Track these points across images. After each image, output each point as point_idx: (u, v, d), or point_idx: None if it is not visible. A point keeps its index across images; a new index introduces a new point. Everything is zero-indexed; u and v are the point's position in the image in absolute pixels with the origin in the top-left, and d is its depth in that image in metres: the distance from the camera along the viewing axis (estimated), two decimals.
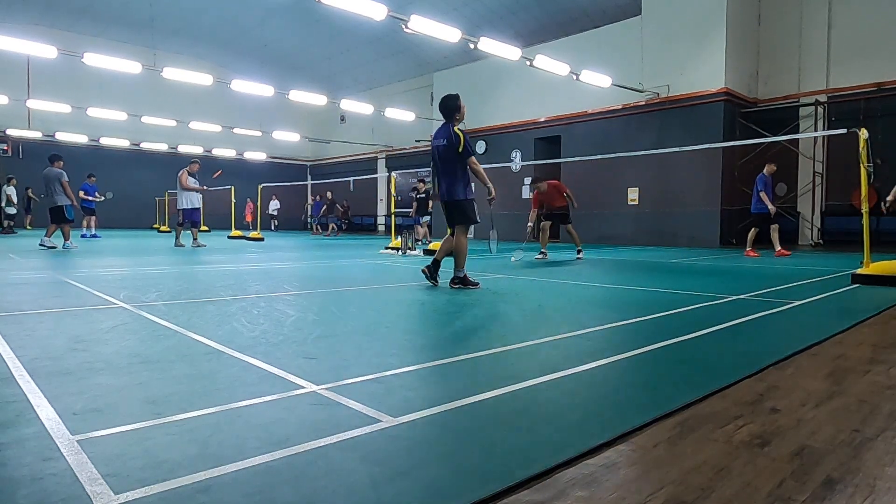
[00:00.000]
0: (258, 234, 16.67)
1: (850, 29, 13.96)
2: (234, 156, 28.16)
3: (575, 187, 17.56)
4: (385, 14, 9.81)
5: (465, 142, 5.24)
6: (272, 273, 6.76)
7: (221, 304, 4.24)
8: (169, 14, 22.03)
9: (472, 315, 3.99)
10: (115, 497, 1.28)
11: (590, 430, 1.76)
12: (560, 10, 18.41)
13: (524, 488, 1.38)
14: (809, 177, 14.61)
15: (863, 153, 5.95)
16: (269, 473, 1.42)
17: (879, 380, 2.37)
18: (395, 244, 11.35)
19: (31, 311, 3.82)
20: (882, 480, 1.45)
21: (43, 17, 22.24)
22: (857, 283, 5.82)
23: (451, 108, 5.40)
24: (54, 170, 10.50)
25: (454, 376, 2.40)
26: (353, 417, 1.83)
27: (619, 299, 4.79)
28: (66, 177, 10.55)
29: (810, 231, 14.73)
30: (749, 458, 1.58)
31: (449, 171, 5.35)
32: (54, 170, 10.50)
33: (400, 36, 18.67)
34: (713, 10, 14.08)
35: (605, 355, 2.70)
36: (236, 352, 2.71)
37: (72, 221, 10.71)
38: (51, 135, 23.21)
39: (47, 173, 10.48)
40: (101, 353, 2.67)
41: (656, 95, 15.20)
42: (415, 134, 24.31)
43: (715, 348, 2.95)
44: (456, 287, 5.31)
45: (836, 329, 3.41)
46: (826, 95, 14.31)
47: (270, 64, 26.31)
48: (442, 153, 5.36)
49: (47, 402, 1.94)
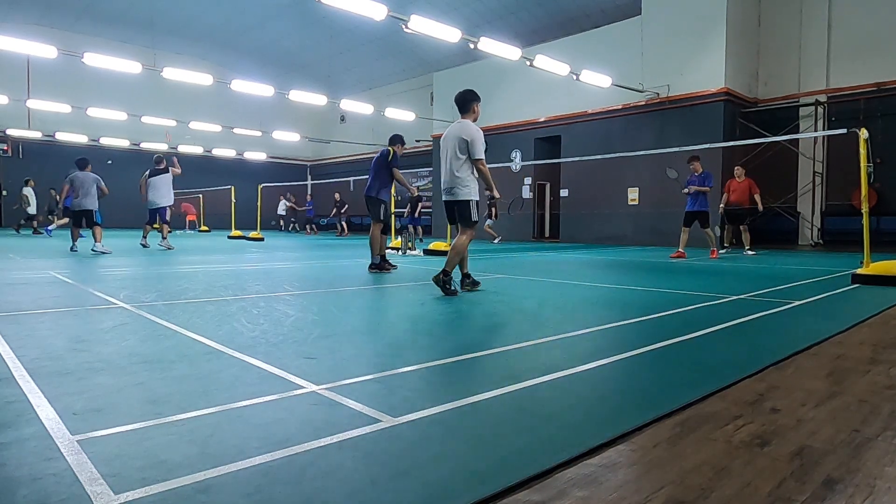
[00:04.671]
0: (258, 234, 16.68)
1: (850, 29, 13.97)
2: (234, 156, 28.16)
3: (575, 187, 17.65)
4: (385, 14, 9.81)
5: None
6: (272, 273, 6.76)
7: (221, 304, 4.24)
8: (169, 14, 22.02)
9: (472, 315, 3.99)
10: (115, 497, 1.28)
11: (590, 430, 1.76)
12: (560, 10, 18.42)
13: (524, 488, 1.38)
14: (809, 177, 14.61)
15: (863, 153, 5.95)
16: (268, 473, 1.42)
17: (879, 380, 2.37)
18: (395, 244, 11.36)
19: (31, 311, 3.82)
20: (882, 480, 1.45)
21: (43, 17, 22.24)
22: (857, 283, 5.82)
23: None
24: (91, 174, 10.37)
25: (454, 376, 2.40)
26: (353, 417, 1.83)
27: (619, 299, 4.79)
28: (103, 182, 10.51)
29: (810, 231, 14.74)
30: (749, 458, 1.58)
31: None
32: (91, 174, 10.37)
33: (400, 36, 18.66)
34: (713, 10, 14.09)
35: (605, 355, 2.70)
36: (236, 352, 2.71)
37: (100, 224, 10.62)
38: (51, 135, 23.21)
39: (84, 176, 10.33)
40: (101, 353, 2.67)
41: (656, 95, 15.20)
42: (415, 134, 24.28)
43: (715, 348, 2.95)
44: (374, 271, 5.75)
45: (836, 329, 3.41)
46: (826, 95, 14.31)
47: (270, 64, 26.32)
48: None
49: (47, 402, 1.94)
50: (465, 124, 5.11)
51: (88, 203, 10.28)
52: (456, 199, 5.14)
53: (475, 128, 5.10)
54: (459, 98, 5.25)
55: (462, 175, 5.08)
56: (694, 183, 10.14)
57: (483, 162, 5.10)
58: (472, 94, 5.24)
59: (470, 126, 5.09)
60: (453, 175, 5.11)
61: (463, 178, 5.09)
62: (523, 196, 18.69)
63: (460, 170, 5.08)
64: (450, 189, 5.16)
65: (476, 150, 5.01)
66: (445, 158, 5.20)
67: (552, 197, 19.57)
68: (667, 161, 14.51)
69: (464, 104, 5.20)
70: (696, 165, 10.21)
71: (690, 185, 10.20)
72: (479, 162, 5.06)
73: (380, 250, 6.91)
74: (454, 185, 5.12)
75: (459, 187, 5.10)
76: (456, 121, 5.26)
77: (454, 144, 5.08)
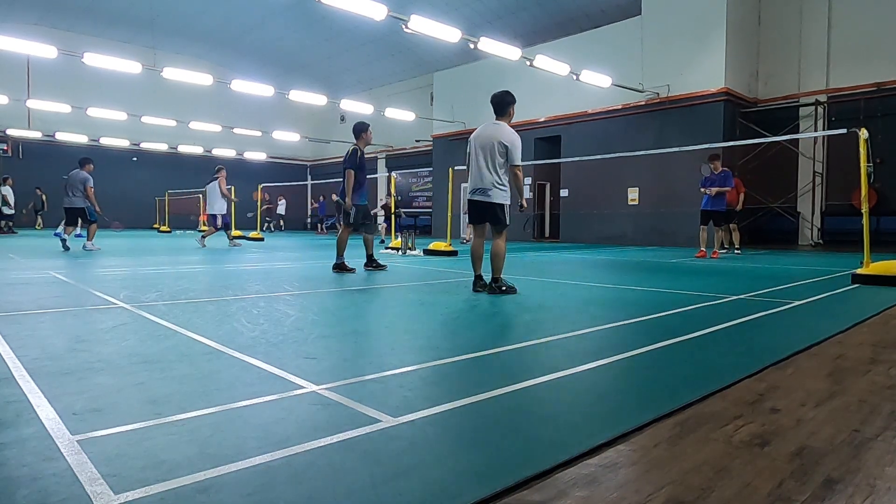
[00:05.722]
0: (258, 234, 16.68)
1: (850, 29, 13.97)
2: (234, 156, 28.16)
3: (575, 187, 17.65)
4: (385, 14, 9.81)
5: None
6: (272, 273, 6.76)
7: (221, 304, 4.24)
8: (169, 14, 22.03)
9: (472, 315, 3.99)
10: (115, 497, 1.28)
11: (590, 430, 1.76)
12: (560, 10, 18.41)
13: (524, 488, 1.38)
14: (809, 177, 14.61)
15: (863, 153, 5.95)
16: (268, 473, 1.42)
17: (879, 380, 2.37)
18: (396, 244, 11.36)
19: (31, 311, 3.82)
20: (882, 480, 1.45)
21: (43, 17, 22.24)
22: (857, 283, 5.82)
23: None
24: (82, 172, 10.45)
25: (454, 376, 2.40)
26: (353, 417, 1.83)
27: (619, 299, 4.79)
28: (91, 182, 10.50)
29: (810, 231, 14.74)
30: (749, 458, 1.58)
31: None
32: (82, 172, 10.45)
33: (400, 36, 18.66)
34: (713, 10, 14.09)
35: (605, 355, 2.70)
36: (236, 352, 2.71)
37: (95, 222, 10.73)
38: (51, 135, 23.21)
39: (74, 175, 10.44)
40: (101, 353, 2.67)
41: (656, 95, 15.20)
42: (415, 134, 24.31)
43: (715, 348, 2.95)
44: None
45: (836, 329, 3.41)
46: (826, 95, 14.32)
47: (270, 64, 26.32)
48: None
49: (47, 402, 1.94)
50: (502, 127, 5.03)
51: (77, 201, 10.37)
52: (491, 202, 5.04)
53: (515, 133, 5.03)
54: (497, 99, 5.15)
55: (500, 178, 5.00)
56: (714, 182, 10.09)
57: (521, 168, 5.04)
58: (510, 97, 5.15)
59: (509, 130, 5.01)
60: (490, 177, 5.00)
61: (500, 182, 5.01)
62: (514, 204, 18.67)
63: (498, 173, 4.98)
64: (484, 190, 5.04)
65: (515, 157, 4.95)
66: (480, 159, 5.04)
67: (552, 197, 19.57)
68: (667, 161, 14.52)
69: (502, 106, 5.12)
70: (716, 164, 10.12)
71: (709, 183, 10.13)
72: (517, 168, 4.99)
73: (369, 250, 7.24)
74: (490, 186, 5.01)
75: (496, 190, 5.01)
76: (491, 122, 5.15)
77: (492, 147, 4.97)
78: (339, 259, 6.89)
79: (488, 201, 5.04)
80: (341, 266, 6.85)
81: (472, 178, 5.13)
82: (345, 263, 6.86)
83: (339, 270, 6.83)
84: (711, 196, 10.08)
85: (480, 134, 5.11)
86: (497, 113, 5.14)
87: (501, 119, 5.11)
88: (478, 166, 5.06)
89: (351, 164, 6.82)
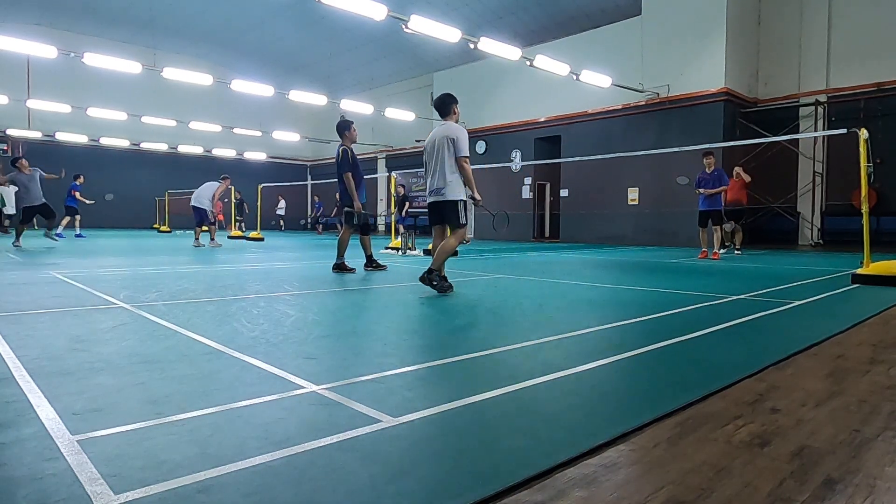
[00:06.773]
0: (258, 233, 16.67)
1: (850, 29, 13.97)
2: (234, 156, 28.15)
3: (575, 187, 17.65)
4: (385, 14, 9.80)
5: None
6: (272, 273, 6.76)
7: (221, 304, 4.24)
8: (169, 14, 22.02)
9: (472, 315, 3.99)
10: (115, 497, 1.28)
11: (590, 430, 1.76)
12: (560, 10, 18.41)
13: (524, 488, 1.38)
14: (809, 177, 14.61)
15: (863, 153, 5.95)
16: (268, 473, 1.42)
17: (879, 380, 2.37)
18: (396, 244, 11.36)
19: (31, 311, 3.82)
20: (882, 480, 1.45)
21: (43, 17, 22.24)
22: (857, 283, 5.82)
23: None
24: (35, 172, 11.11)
25: (454, 376, 2.40)
26: (353, 417, 1.83)
27: (619, 299, 4.79)
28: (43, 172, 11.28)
29: (810, 231, 14.74)
30: (749, 458, 1.58)
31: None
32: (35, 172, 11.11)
33: (400, 36, 18.66)
34: (713, 10, 14.09)
35: (605, 355, 2.70)
36: (236, 352, 2.71)
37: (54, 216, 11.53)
38: (51, 135, 23.20)
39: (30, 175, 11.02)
40: (101, 353, 2.67)
41: (656, 95, 15.20)
42: (415, 134, 24.30)
43: (715, 348, 2.95)
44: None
45: (836, 329, 3.41)
46: (826, 95, 14.32)
47: (270, 64, 26.31)
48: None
49: (47, 402, 1.94)
50: (448, 125, 5.19)
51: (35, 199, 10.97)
52: (444, 200, 5.13)
53: (460, 127, 5.19)
54: (438, 102, 5.33)
55: (452, 175, 5.09)
56: (707, 182, 10.00)
57: (467, 160, 5.12)
58: (449, 98, 5.33)
59: (455, 126, 5.18)
60: (444, 176, 5.10)
61: (453, 179, 5.10)
62: (514, 204, 18.66)
63: (450, 170, 5.09)
64: (439, 189, 5.14)
65: (461, 148, 5.05)
66: (433, 161, 5.20)
67: (552, 197, 19.58)
68: (667, 161, 14.53)
69: (443, 107, 5.29)
70: (710, 161, 9.99)
71: (703, 184, 10.07)
72: (463, 159, 5.08)
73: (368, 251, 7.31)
74: (444, 185, 5.11)
75: (448, 187, 5.10)
76: (438, 124, 5.31)
77: (442, 144, 5.10)
78: (340, 259, 6.92)
79: (444, 199, 5.14)
80: (341, 266, 6.88)
81: (429, 182, 5.27)
82: (345, 263, 6.88)
83: (339, 270, 6.85)
84: (706, 196, 10.07)
85: (430, 138, 5.29)
86: (442, 115, 5.31)
87: (447, 119, 5.28)
88: (432, 169, 5.23)
89: (346, 166, 6.87)
